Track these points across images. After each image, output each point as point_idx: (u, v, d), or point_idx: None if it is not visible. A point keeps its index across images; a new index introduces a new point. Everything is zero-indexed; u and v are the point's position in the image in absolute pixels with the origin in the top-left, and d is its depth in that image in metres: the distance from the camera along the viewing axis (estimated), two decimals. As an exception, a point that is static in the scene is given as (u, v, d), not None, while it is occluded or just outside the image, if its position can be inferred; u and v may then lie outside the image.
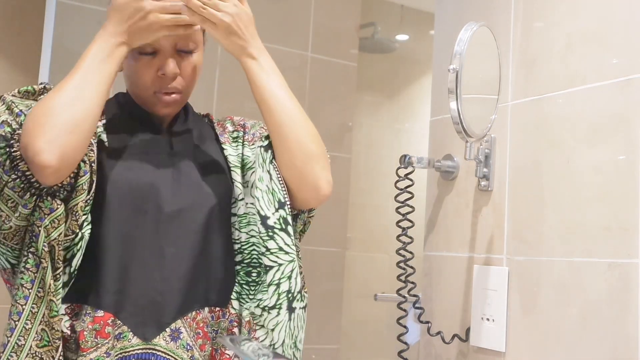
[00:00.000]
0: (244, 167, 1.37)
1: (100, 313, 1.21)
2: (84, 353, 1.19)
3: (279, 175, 1.32)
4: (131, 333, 1.22)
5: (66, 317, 1.21)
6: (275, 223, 1.29)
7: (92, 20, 2.02)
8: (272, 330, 1.28)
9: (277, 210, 1.30)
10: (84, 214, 1.20)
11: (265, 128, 1.38)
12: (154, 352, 1.22)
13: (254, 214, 1.31)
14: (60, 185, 1.18)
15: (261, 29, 1.36)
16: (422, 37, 3.59)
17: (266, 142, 1.36)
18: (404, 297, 1.61)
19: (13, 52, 2.51)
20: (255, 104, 1.34)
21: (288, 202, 1.31)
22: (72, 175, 1.19)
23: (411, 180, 1.62)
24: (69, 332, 1.21)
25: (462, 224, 1.63)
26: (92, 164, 1.21)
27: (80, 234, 1.21)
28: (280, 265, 1.29)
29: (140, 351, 1.22)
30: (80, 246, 1.21)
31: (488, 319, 1.52)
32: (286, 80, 1.34)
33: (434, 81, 1.80)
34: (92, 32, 1.25)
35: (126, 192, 1.25)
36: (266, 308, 1.28)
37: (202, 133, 1.41)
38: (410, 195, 1.61)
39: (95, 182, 1.22)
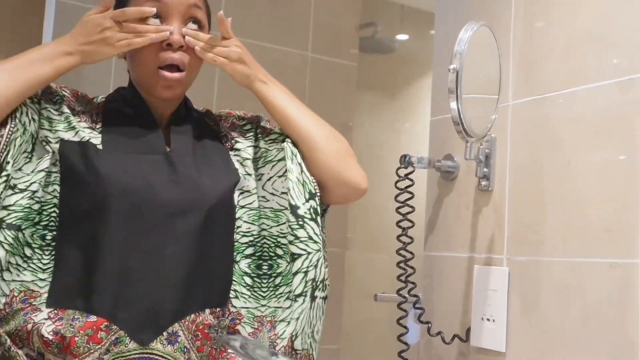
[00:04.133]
0: (258, 160, 1.38)
1: (92, 318, 1.20)
2: (76, 359, 1.18)
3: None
4: (128, 338, 1.21)
5: (49, 322, 1.20)
6: (305, 213, 1.31)
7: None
8: (297, 319, 1.30)
9: (307, 200, 1.33)
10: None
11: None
12: (151, 356, 1.21)
13: (268, 207, 1.35)
14: None
15: (261, 29, 1.38)
16: (423, 37, 3.56)
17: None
18: (404, 297, 1.61)
19: (13, 52, 2.50)
20: (256, 102, 1.37)
21: (319, 194, 1.35)
22: None
23: (411, 180, 1.62)
24: (50, 337, 1.19)
25: (463, 224, 1.63)
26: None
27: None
28: (309, 253, 1.31)
29: (137, 356, 1.21)
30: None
31: (488, 319, 1.52)
32: (286, 80, 1.40)
33: (434, 81, 1.80)
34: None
35: (121, 196, 1.23)
36: (293, 297, 1.30)
37: (202, 130, 1.40)
38: (410, 196, 1.61)
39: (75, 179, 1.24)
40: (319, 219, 1.33)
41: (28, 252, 1.23)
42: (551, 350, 1.39)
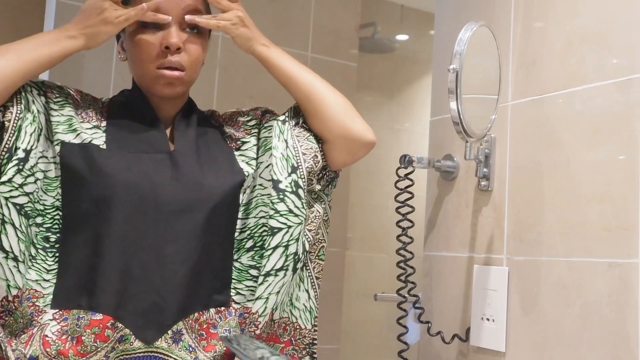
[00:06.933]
0: (258, 150, 1.39)
1: (98, 316, 1.21)
2: (83, 358, 1.19)
3: (294, 144, 1.36)
4: (133, 336, 1.21)
5: (54, 322, 1.21)
6: (286, 187, 1.32)
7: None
8: (278, 293, 1.29)
9: (289, 174, 1.33)
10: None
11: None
12: (156, 355, 1.22)
13: (265, 194, 1.33)
14: None
15: (260, 29, 1.40)
16: (422, 37, 3.58)
17: (282, 117, 1.40)
18: (404, 297, 1.60)
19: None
20: (258, 101, 1.40)
21: (301, 167, 1.34)
22: None
23: (411, 180, 1.61)
24: (54, 338, 1.20)
25: (462, 224, 1.62)
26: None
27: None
28: (289, 227, 1.31)
29: (142, 354, 1.22)
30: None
31: (488, 319, 1.51)
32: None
33: (434, 81, 1.79)
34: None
35: (124, 194, 1.24)
36: (272, 272, 1.29)
37: (207, 131, 1.41)
38: (410, 195, 1.60)
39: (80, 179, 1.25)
40: (300, 191, 1.33)
41: (32, 251, 1.23)
42: (551, 349, 1.38)
